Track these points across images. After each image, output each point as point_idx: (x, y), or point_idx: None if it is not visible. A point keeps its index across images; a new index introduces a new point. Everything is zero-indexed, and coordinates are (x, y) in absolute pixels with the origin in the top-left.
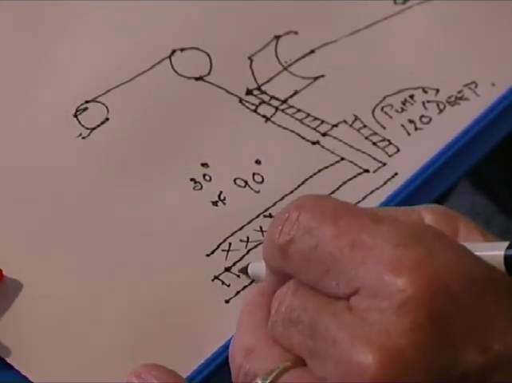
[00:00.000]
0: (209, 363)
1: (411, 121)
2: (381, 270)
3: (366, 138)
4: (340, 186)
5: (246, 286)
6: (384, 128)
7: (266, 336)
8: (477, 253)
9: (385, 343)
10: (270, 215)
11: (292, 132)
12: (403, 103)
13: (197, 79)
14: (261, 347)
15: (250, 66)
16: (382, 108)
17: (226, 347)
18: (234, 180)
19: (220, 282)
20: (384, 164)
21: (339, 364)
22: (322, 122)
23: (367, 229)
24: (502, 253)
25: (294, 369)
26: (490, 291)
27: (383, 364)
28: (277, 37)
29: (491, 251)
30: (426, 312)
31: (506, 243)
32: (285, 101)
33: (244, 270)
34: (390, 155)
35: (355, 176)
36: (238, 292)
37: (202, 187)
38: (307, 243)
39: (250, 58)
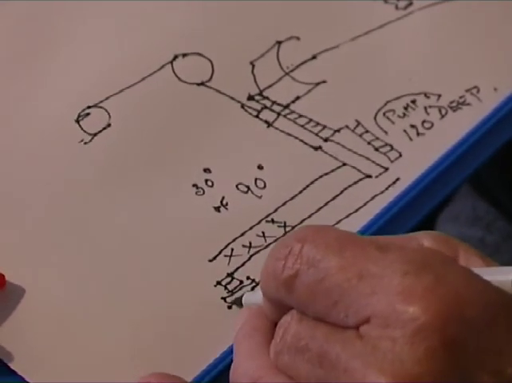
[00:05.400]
0: (211, 368)
1: (413, 126)
2: (392, 299)
3: (368, 143)
4: (342, 191)
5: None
6: (386, 133)
7: (269, 364)
8: (485, 278)
9: (399, 371)
10: (273, 221)
11: (294, 137)
12: (405, 108)
13: (199, 84)
14: (266, 376)
15: (252, 71)
16: (384, 114)
17: (228, 353)
18: (237, 186)
19: (223, 288)
20: (386, 169)
21: None
22: (324, 127)
23: (373, 258)
24: (510, 278)
25: None
26: (501, 316)
27: None
28: (279, 43)
29: (499, 276)
30: (440, 339)
31: None
32: (287, 107)
33: (238, 301)
34: (392, 161)
35: (357, 182)
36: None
37: (204, 192)
38: (313, 276)
39: (251, 63)
